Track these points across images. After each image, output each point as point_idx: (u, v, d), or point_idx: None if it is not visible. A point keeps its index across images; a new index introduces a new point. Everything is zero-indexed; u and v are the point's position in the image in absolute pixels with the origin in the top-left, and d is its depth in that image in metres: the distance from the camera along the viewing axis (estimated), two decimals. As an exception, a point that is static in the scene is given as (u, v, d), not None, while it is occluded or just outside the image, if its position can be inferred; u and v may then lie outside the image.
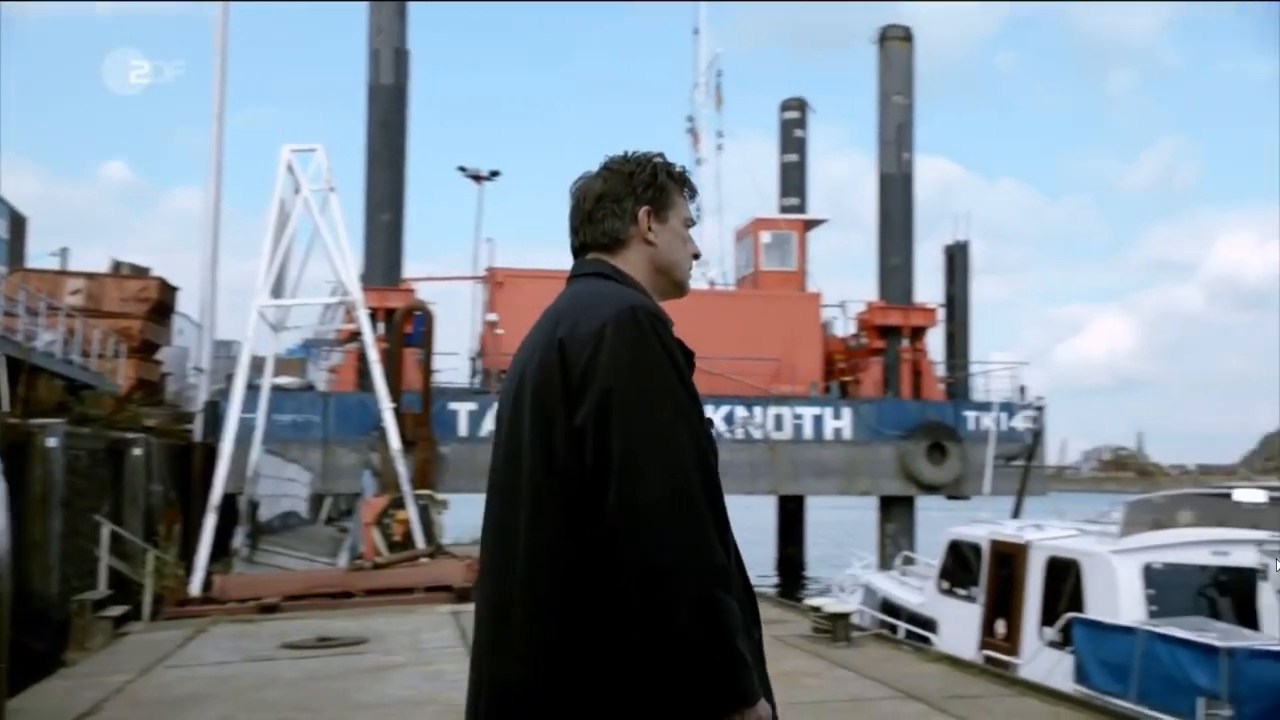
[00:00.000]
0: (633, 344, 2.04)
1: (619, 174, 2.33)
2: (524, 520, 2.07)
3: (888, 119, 28.95)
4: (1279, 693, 7.48)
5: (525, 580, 2.05)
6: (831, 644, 9.59)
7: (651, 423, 1.99)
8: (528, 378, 2.13)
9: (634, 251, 2.31)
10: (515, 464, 2.12)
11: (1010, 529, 11.63)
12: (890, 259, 28.87)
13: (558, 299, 2.27)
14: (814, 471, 26.49)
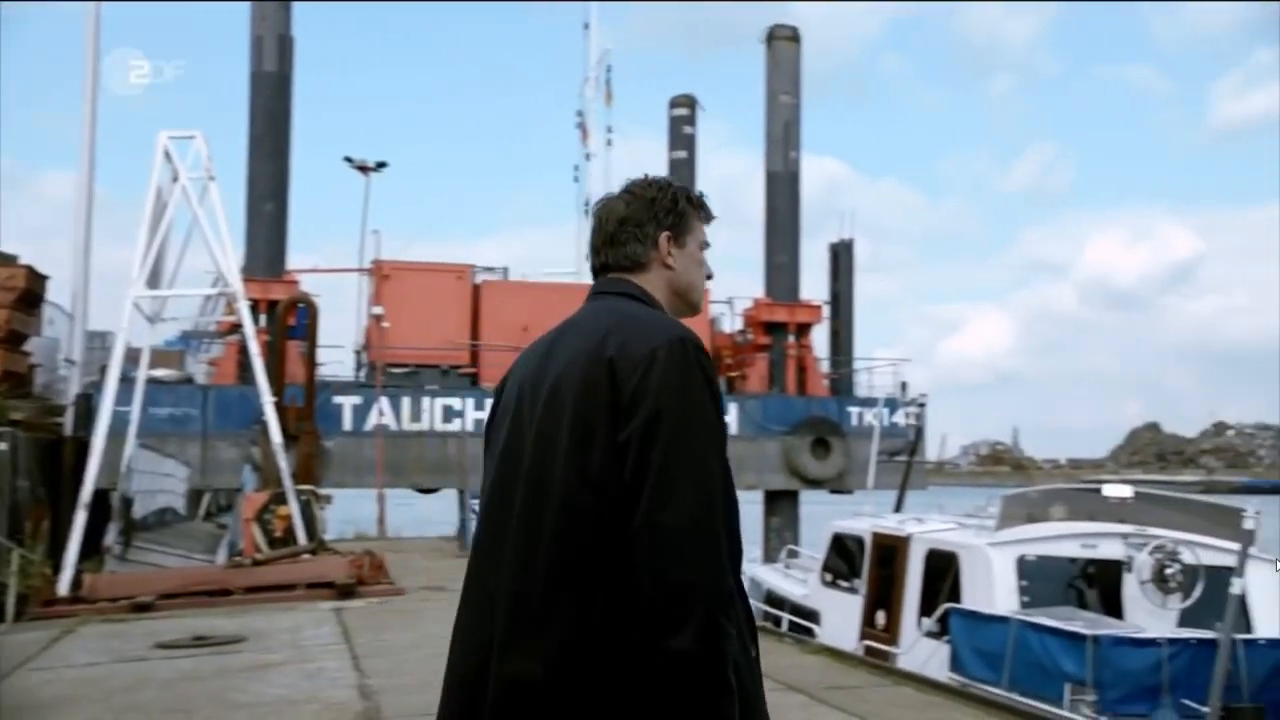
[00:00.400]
0: (682, 372, 2.15)
1: (641, 199, 2.47)
2: (551, 523, 2.15)
3: (775, 118, 29.29)
4: (1139, 678, 7.79)
5: (551, 579, 2.12)
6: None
7: (689, 450, 2.10)
8: (565, 388, 2.22)
9: (654, 274, 2.45)
10: (544, 467, 2.19)
11: (892, 522, 11.88)
12: (776, 256, 29.22)
13: (590, 313, 2.38)
14: (700, 467, 26.67)
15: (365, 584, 12.74)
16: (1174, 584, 9.27)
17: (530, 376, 2.35)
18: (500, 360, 26.23)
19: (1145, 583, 9.30)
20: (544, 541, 2.15)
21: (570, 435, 2.17)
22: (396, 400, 24.76)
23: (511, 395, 2.40)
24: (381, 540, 20.62)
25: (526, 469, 2.24)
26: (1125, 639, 8.02)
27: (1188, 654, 7.87)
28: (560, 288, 28.64)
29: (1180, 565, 9.30)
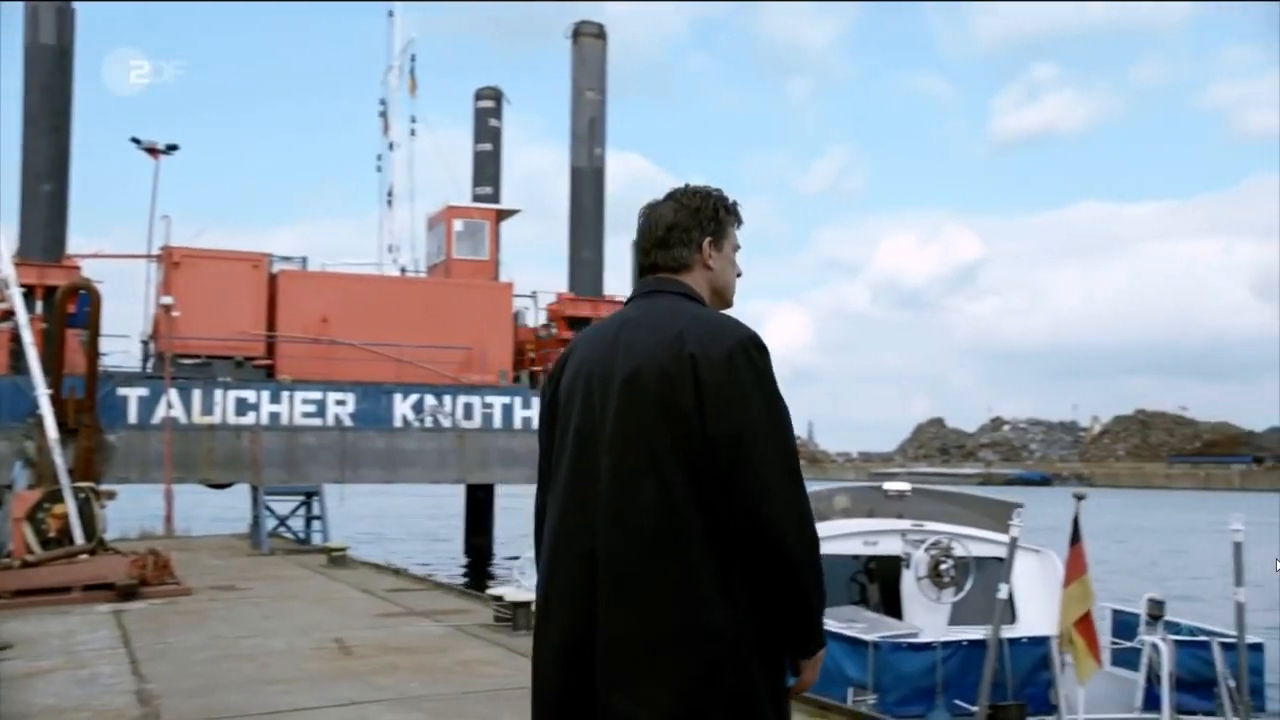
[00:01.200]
0: (759, 371, 2.52)
1: (687, 208, 2.78)
2: (645, 495, 2.46)
3: (580, 113, 29.45)
4: (915, 680, 8.19)
5: (654, 547, 2.44)
6: (512, 632, 9.70)
7: (776, 440, 2.48)
8: (647, 379, 2.52)
9: (697, 273, 2.77)
10: (627, 449, 2.50)
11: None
12: (581, 252, 29.41)
13: (649, 308, 2.67)
14: (502, 460, 26.64)
15: (149, 585, 12.23)
16: (948, 579, 9.77)
17: (597, 367, 2.63)
18: (298, 352, 25.60)
19: (921, 579, 9.77)
20: (640, 507, 2.46)
21: (656, 417, 2.49)
22: (186, 392, 23.83)
23: (577, 384, 2.66)
24: (169, 539, 19.83)
25: (609, 448, 2.53)
26: (903, 644, 8.41)
27: (960, 655, 8.32)
28: (362, 279, 28.11)
29: (953, 560, 9.80)
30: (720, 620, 2.43)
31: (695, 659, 2.41)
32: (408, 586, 13.52)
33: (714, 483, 2.45)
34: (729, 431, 2.45)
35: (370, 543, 30.76)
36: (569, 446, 2.64)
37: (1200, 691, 8.38)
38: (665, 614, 2.43)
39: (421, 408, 25.88)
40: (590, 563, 2.51)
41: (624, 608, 2.45)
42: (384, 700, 6.96)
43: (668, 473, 2.47)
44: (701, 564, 2.44)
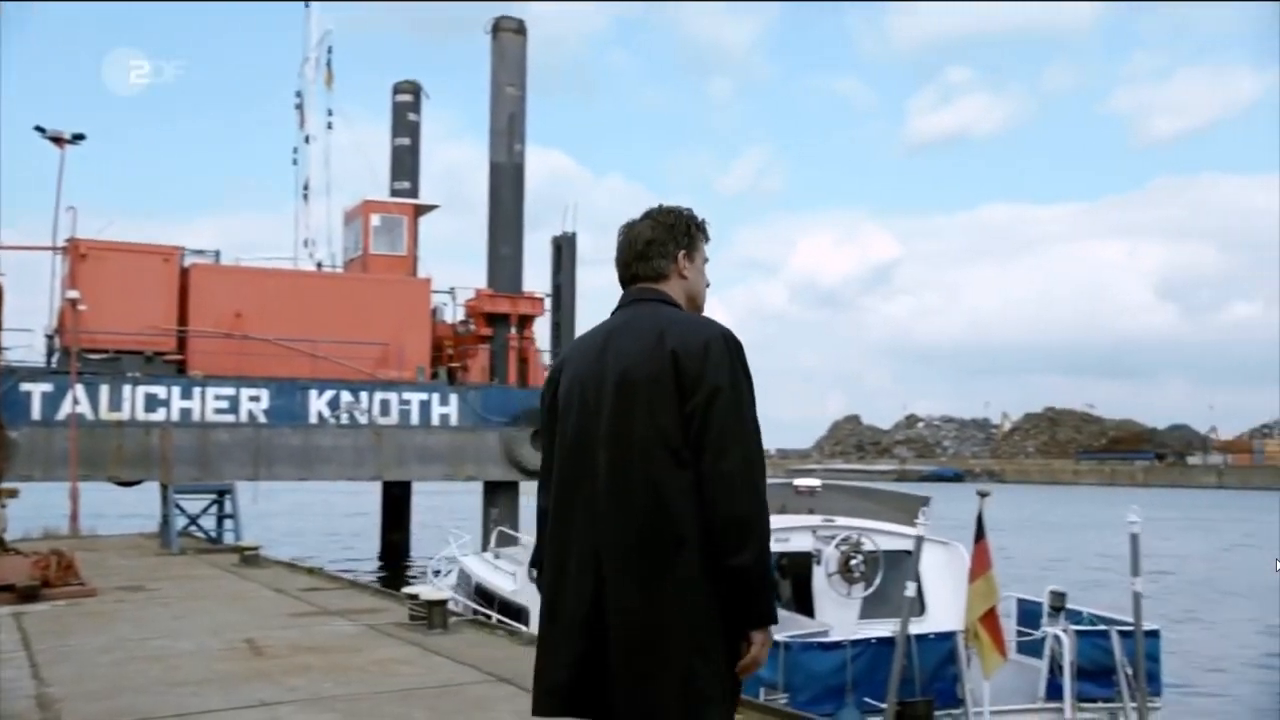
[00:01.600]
0: (730, 360, 2.86)
1: (663, 224, 3.15)
2: (638, 479, 2.82)
3: (500, 109, 29.31)
4: (825, 679, 8.29)
5: (645, 522, 2.80)
6: (427, 631, 9.64)
7: (739, 417, 2.82)
8: (635, 376, 2.88)
9: (673, 282, 3.12)
10: (624, 439, 2.86)
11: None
12: (500, 248, 29.28)
13: (635, 315, 3.03)
14: (420, 457, 26.48)
15: (51, 586, 11.93)
16: (858, 574, 9.91)
17: (589, 372, 3.00)
18: (211, 347, 25.17)
19: (832, 575, 9.89)
20: (636, 490, 2.81)
21: (646, 410, 2.84)
22: (94, 388, 23.32)
23: (573, 389, 3.03)
24: (74, 539, 19.35)
25: (605, 445, 2.89)
26: (813, 644, 8.51)
27: (869, 654, 8.44)
28: (276, 274, 27.70)
29: (863, 555, 9.94)
30: (704, 596, 2.77)
31: (692, 639, 2.77)
32: (322, 585, 13.37)
33: (693, 457, 2.80)
34: (702, 406, 2.80)
35: (285, 541, 30.35)
36: (568, 449, 3.01)
37: (1101, 679, 8.61)
38: (664, 598, 2.77)
39: (338, 404, 25.61)
40: (595, 558, 2.87)
41: (628, 596, 2.80)
42: (296, 701, 6.89)
43: (659, 461, 2.82)
44: (693, 540, 2.78)
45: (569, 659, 2.87)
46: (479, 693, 7.35)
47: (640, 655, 2.78)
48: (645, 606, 2.78)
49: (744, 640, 2.82)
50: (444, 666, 8.23)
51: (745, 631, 2.82)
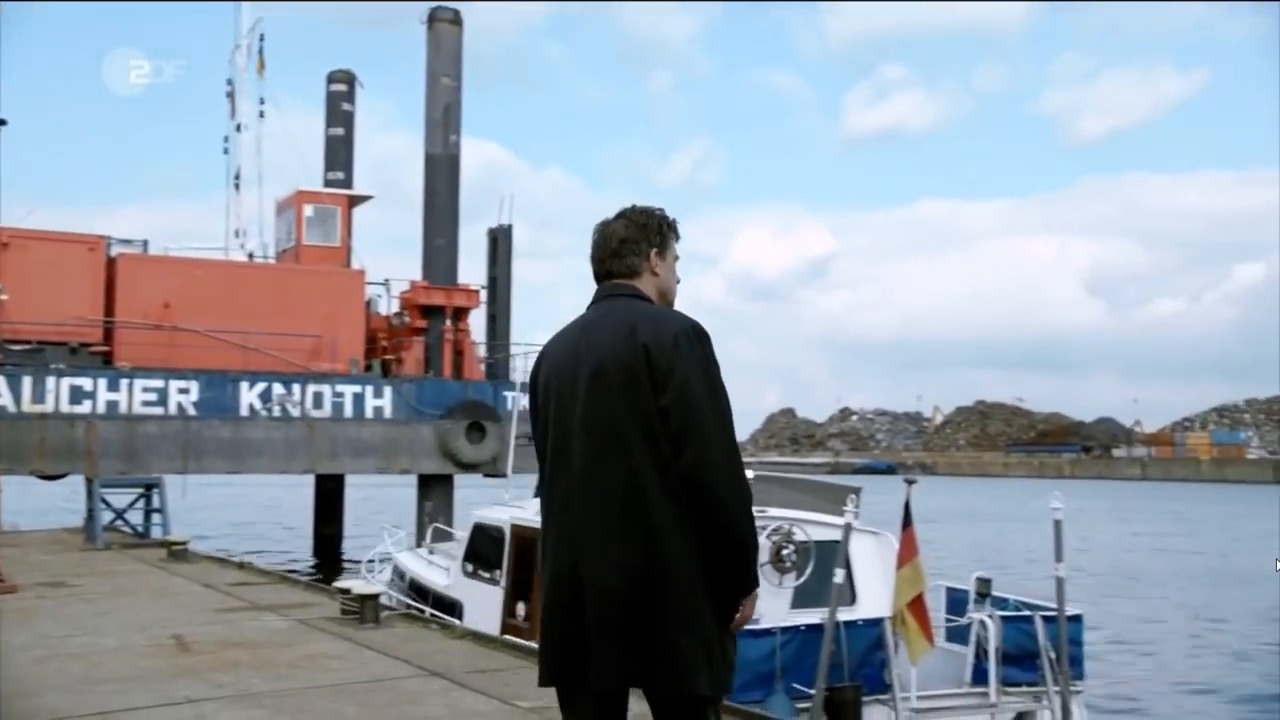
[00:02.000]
0: (700, 352, 3.07)
1: (636, 224, 3.33)
2: (614, 466, 3.03)
3: (435, 100, 29.04)
4: (755, 666, 8.34)
5: (620, 508, 3.01)
6: (359, 626, 9.57)
7: (714, 405, 3.04)
8: (609, 368, 3.07)
9: (645, 279, 3.31)
10: (598, 427, 3.07)
11: (530, 513, 12.01)
12: (435, 239, 29.03)
13: (609, 310, 3.21)
14: (353, 450, 26.19)
15: (-28, 582, 11.67)
16: (789, 564, 9.97)
17: (565, 366, 3.19)
18: (138, 339, 24.71)
19: (764, 565, 9.94)
20: (619, 476, 3.02)
21: (620, 400, 3.04)
22: (16, 380, 22.75)
23: (551, 382, 3.23)
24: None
25: (579, 434, 3.09)
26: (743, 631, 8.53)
27: (798, 640, 8.50)
28: (207, 264, 27.24)
29: (795, 545, 10.00)
30: (679, 570, 2.98)
31: (659, 600, 2.97)
32: (252, 580, 13.20)
33: (669, 448, 3.00)
34: (675, 399, 3.00)
35: (214, 536, 29.93)
36: (550, 440, 3.21)
37: (1025, 664, 8.76)
38: (638, 571, 2.98)
39: (269, 396, 25.25)
40: (573, 542, 3.09)
41: (603, 570, 3.01)
42: (222, 698, 6.80)
43: (632, 446, 3.02)
44: (663, 522, 2.99)
45: (558, 639, 3.11)
46: (411, 687, 7.31)
47: (620, 632, 2.99)
48: (624, 584, 2.99)
49: (733, 604, 3.10)
50: (376, 661, 8.17)
51: (737, 597, 3.10)
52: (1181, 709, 15.20)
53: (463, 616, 12.00)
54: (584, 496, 3.08)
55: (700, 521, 2.99)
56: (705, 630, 3.02)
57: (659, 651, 2.97)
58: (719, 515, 2.99)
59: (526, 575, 11.25)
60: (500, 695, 7.04)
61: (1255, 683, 17.24)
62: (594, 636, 3.02)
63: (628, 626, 2.98)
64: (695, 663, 2.99)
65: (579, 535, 3.08)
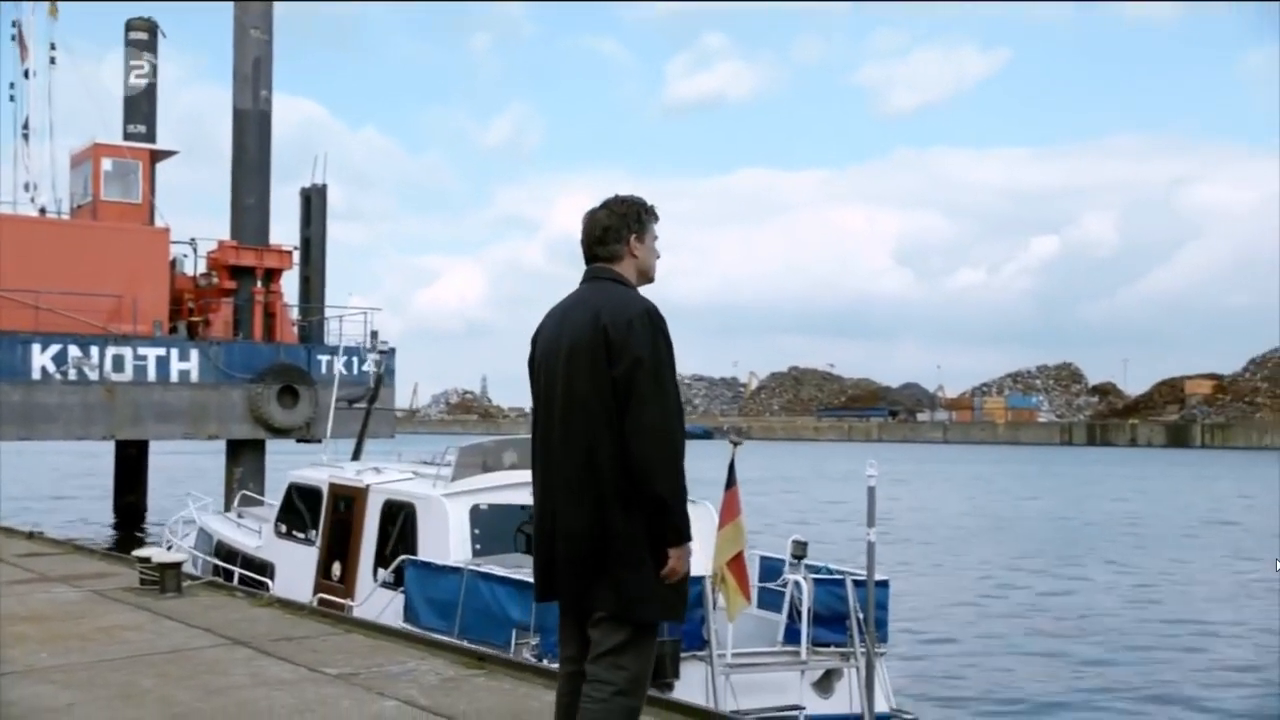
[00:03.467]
0: (651, 333, 3.62)
1: (617, 213, 3.89)
2: (577, 431, 3.66)
3: (244, 53, 27.96)
4: None
5: (581, 466, 3.66)
6: (159, 595, 9.18)
7: (657, 381, 3.60)
8: (579, 346, 3.67)
9: (627, 261, 3.89)
10: (569, 397, 3.69)
11: (350, 472, 11.77)
12: (244, 198, 28.04)
13: (587, 293, 3.82)
14: (157, 415, 25.18)
15: None
16: None
17: (552, 340, 3.81)
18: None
19: None
20: (580, 439, 3.65)
21: (587, 375, 3.64)
22: None
23: (541, 354, 3.88)
24: None
25: (561, 396, 3.72)
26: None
27: None
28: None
29: None
30: (621, 525, 3.59)
31: (608, 544, 3.60)
32: (43, 550, 12.51)
33: (618, 415, 3.58)
34: (623, 371, 3.57)
35: (4, 506, 28.35)
36: (541, 402, 3.85)
37: (834, 625, 9.02)
38: (593, 518, 3.61)
39: (64, 359, 23.97)
40: (551, 490, 3.76)
41: (571, 522, 3.66)
42: (5, 674, 6.42)
43: (594, 415, 3.61)
44: (613, 480, 3.59)
45: (543, 566, 3.80)
46: (213, 656, 7.06)
47: (579, 567, 3.66)
48: (583, 530, 3.63)
49: (664, 554, 3.63)
50: (176, 631, 7.86)
51: (665, 548, 3.62)
52: (979, 664, 15.94)
53: (274, 578, 11.67)
54: (559, 456, 3.72)
55: (634, 479, 3.57)
56: (642, 570, 3.61)
57: (607, 583, 3.62)
58: (644, 473, 3.55)
59: (343, 535, 11.00)
60: (307, 663, 6.86)
61: (1048, 633, 18.28)
62: (560, 567, 3.72)
63: (584, 560, 3.64)
64: (635, 594, 3.61)
65: (555, 488, 3.74)
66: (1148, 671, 15.60)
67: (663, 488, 3.56)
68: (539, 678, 6.40)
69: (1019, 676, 15.08)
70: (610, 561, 3.61)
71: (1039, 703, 13.74)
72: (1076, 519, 39.75)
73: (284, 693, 6.10)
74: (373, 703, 5.88)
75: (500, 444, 11.51)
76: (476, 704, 5.87)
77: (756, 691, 8.57)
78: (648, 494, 3.56)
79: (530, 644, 8.18)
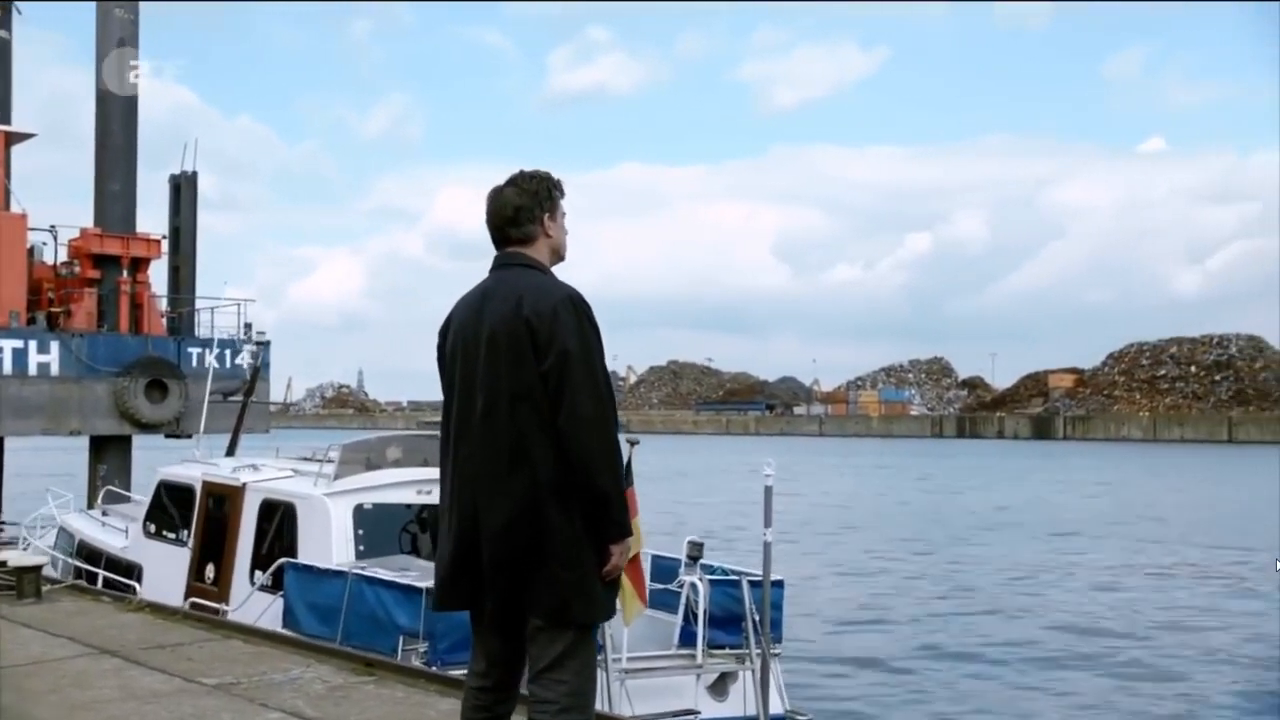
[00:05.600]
0: (577, 321, 3.49)
1: (528, 191, 3.71)
2: (503, 424, 3.48)
3: (107, 34, 26.74)
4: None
5: (509, 461, 3.47)
6: (16, 601, 8.65)
7: (588, 370, 3.46)
8: (499, 337, 3.52)
9: (541, 243, 3.73)
10: (493, 391, 3.52)
11: (225, 469, 11.29)
12: (109, 184, 26.87)
13: (504, 280, 3.64)
14: (15, 410, 23.96)
15: None
16: None
17: (469, 328, 3.64)
18: None
19: None
20: (502, 436, 3.49)
21: (507, 368, 3.49)
22: None
23: (457, 342, 3.69)
24: None
25: (480, 389, 3.55)
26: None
27: None
28: None
29: None
30: (558, 521, 3.44)
31: (541, 541, 3.43)
32: (-112, 556, 11.73)
33: (550, 409, 3.44)
34: (553, 364, 3.44)
35: None
36: (457, 393, 3.65)
37: (730, 627, 8.91)
38: (523, 516, 3.44)
39: (-93, 351, 22.66)
40: (473, 482, 3.53)
41: (494, 514, 3.47)
42: None
43: (518, 406, 3.47)
44: (544, 475, 3.44)
45: (450, 568, 3.61)
46: (78, 667, 6.64)
47: (510, 569, 3.47)
48: (515, 529, 3.45)
49: (604, 550, 3.51)
50: (35, 640, 7.40)
51: (605, 544, 3.51)
52: (873, 662, 16.05)
53: (142, 581, 11.12)
54: (481, 450, 3.53)
55: (572, 474, 3.43)
56: (581, 568, 3.47)
57: (542, 584, 3.45)
58: (585, 467, 3.42)
59: (218, 535, 10.53)
60: (182, 673, 6.50)
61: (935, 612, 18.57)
62: (487, 569, 3.50)
63: (514, 561, 3.46)
64: (574, 593, 3.46)
65: (477, 483, 3.53)
66: (1035, 658, 16.00)
67: (603, 481, 3.44)
68: (432, 684, 6.16)
69: (914, 672, 15.24)
70: (547, 561, 3.44)
71: (935, 695, 13.91)
72: (955, 510, 40.66)
73: (158, 706, 5.74)
74: (255, 715, 5.57)
75: (384, 440, 11.18)
76: (367, 714, 5.61)
77: (652, 696, 8.43)
78: (588, 488, 3.43)
79: (419, 650, 7.91)
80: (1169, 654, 16.28)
